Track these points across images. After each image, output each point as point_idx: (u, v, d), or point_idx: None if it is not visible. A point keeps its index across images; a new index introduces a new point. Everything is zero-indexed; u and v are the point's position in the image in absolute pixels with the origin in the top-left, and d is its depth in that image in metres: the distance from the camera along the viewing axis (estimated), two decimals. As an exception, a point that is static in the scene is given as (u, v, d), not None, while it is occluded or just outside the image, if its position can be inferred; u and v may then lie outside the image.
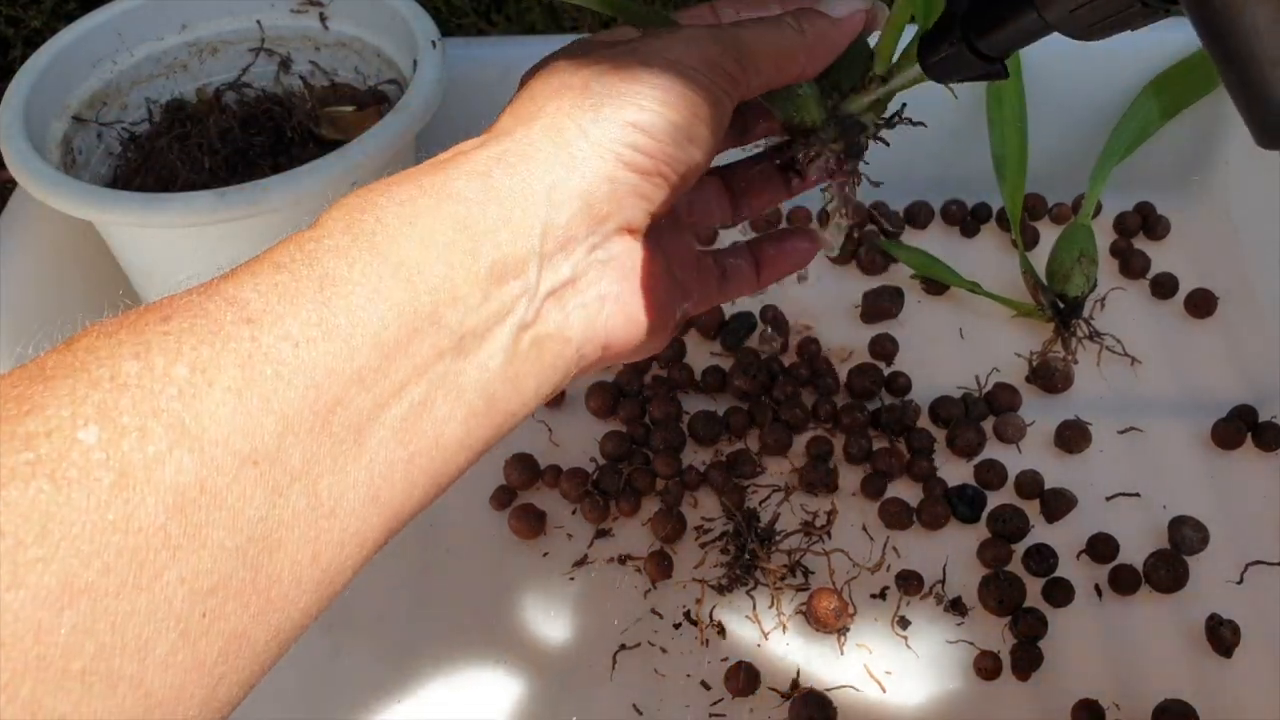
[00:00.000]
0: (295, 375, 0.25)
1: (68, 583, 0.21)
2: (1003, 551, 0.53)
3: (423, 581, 0.55)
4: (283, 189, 0.51)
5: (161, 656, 0.22)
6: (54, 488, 0.21)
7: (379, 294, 0.27)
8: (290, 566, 0.25)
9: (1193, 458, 0.58)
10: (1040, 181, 0.70)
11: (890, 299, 0.65)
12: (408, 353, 0.27)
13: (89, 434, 0.22)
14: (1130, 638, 0.51)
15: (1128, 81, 0.66)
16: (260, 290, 0.26)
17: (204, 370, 0.24)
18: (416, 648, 0.53)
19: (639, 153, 0.31)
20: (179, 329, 0.24)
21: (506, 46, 0.70)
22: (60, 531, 0.21)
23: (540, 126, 0.31)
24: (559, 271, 0.30)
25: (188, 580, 0.23)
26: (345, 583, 0.27)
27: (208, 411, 0.23)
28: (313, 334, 0.25)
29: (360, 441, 0.26)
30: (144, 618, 0.22)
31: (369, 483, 0.26)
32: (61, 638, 0.21)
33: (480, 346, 0.29)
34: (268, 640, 0.25)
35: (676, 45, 0.33)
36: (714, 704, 0.50)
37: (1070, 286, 0.59)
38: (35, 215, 0.60)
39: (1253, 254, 0.65)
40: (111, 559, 0.21)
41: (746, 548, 0.54)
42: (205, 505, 0.23)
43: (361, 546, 0.27)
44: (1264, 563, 0.53)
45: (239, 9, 0.66)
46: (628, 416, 0.60)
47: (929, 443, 0.58)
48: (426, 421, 0.27)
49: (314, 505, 0.25)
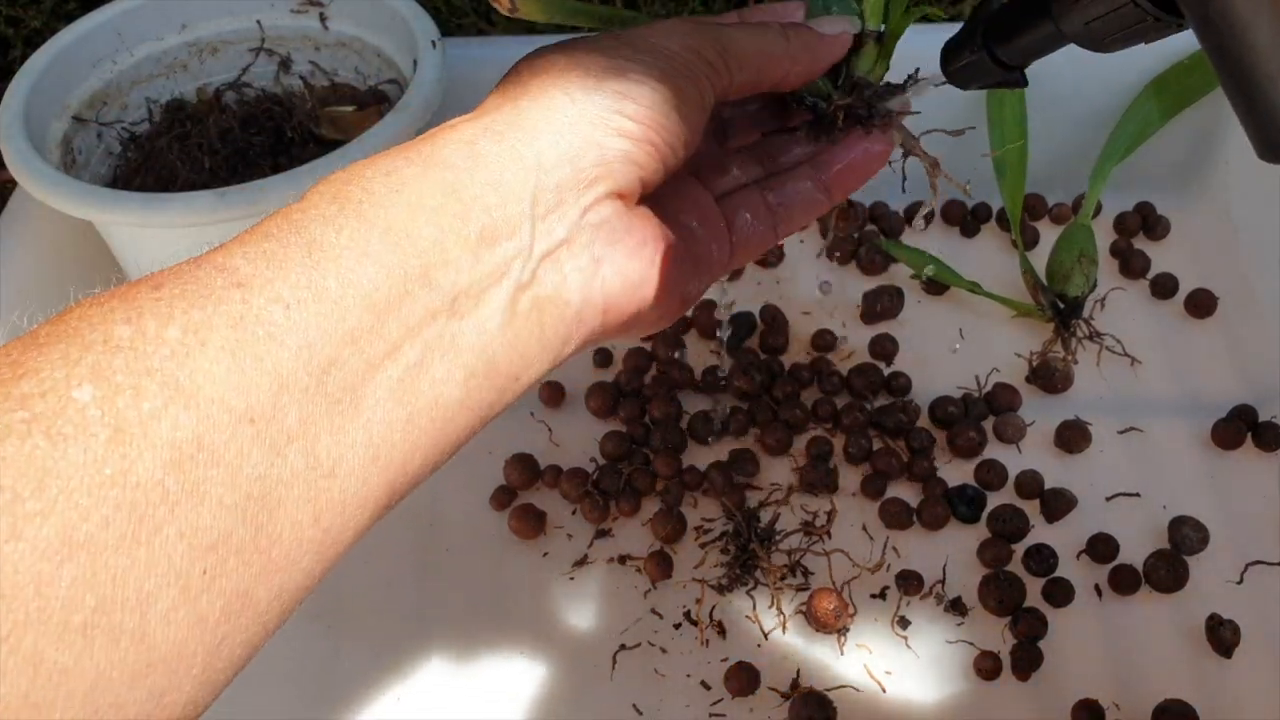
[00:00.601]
0: (287, 336, 0.25)
1: (67, 536, 0.21)
2: (1003, 551, 0.53)
3: (423, 581, 0.55)
4: (283, 189, 0.51)
5: (163, 612, 0.22)
6: (50, 444, 0.21)
7: (367, 256, 0.27)
8: (291, 526, 0.25)
9: (1193, 458, 0.58)
10: (1040, 181, 0.70)
11: (890, 299, 0.65)
12: (399, 313, 0.27)
13: (83, 393, 0.22)
14: (1130, 638, 0.51)
15: (1128, 81, 0.66)
16: (249, 257, 0.26)
17: (196, 331, 0.24)
18: (416, 648, 0.53)
19: (628, 119, 0.31)
20: (170, 295, 0.25)
21: (506, 46, 0.70)
22: (57, 486, 0.21)
23: (529, 98, 0.31)
24: (553, 233, 0.30)
25: (187, 536, 0.23)
26: (347, 545, 0.27)
27: (202, 370, 0.24)
28: (303, 296, 0.26)
29: (357, 402, 0.26)
30: (144, 572, 0.22)
31: (368, 443, 0.26)
32: (62, 590, 0.21)
33: (476, 308, 0.29)
34: (270, 601, 0.25)
35: (660, 31, 0.34)
36: (714, 704, 0.50)
37: (1070, 286, 0.59)
38: (35, 215, 0.60)
39: (1253, 254, 0.65)
40: (110, 512, 0.22)
41: (746, 548, 0.54)
42: (203, 462, 0.23)
43: (363, 508, 0.27)
44: (1264, 563, 0.53)
45: (239, 9, 0.66)
46: (628, 416, 0.60)
47: (929, 443, 0.58)
48: (424, 382, 0.27)
49: (313, 465, 0.25)
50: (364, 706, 0.51)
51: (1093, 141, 0.67)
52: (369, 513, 0.27)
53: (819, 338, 0.64)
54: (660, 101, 0.32)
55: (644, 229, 0.33)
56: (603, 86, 0.31)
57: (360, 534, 0.27)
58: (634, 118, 0.32)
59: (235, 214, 0.51)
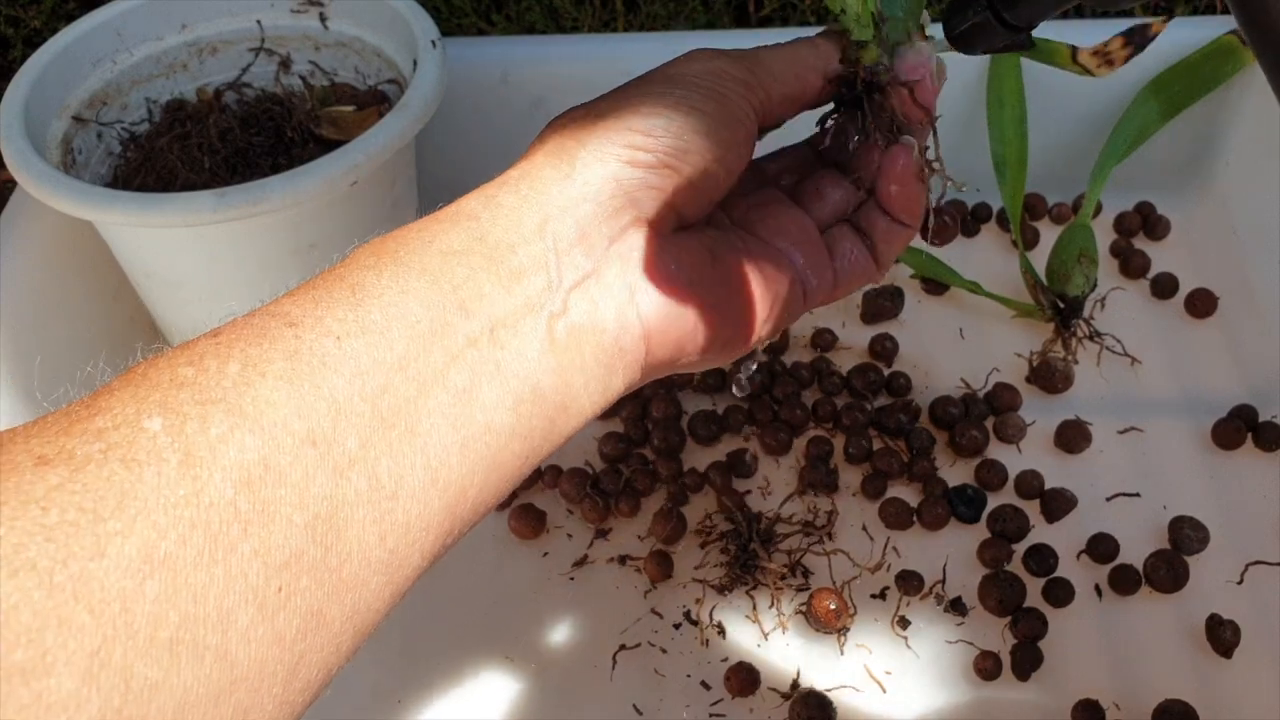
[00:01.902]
0: (341, 364, 0.27)
1: (147, 553, 0.22)
2: (1003, 551, 0.53)
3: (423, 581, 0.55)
4: (283, 189, 0.51)
5: (242, 629, 0.23)
6: (126, 469, 0.23)
7: (407, 293, 0.28)
8: (359, 546, 0.26)
9: (1193, 458, 0.58)
10: (1040, 181, 0.70)
11: (890, 299, 0.65)
12: (443, 341, 0.28)
13: (154, 423, 0.24)
14: (1130, 638, 0.51)
15: (1128, 81, 0.66)
16: (298, 303, 0.28)
17: (255, 365, 0.26)
18: (416, 648, 0.53)
19: (639, 150, 0.32)
20: (228, 339, 0.26)
21: (506, 46, 0.70)
22: (135, 506, 0.22)
23: (542, 153, 0.33)
24: (579, 266, 0.32)
25: (261, 554, 0.24)
26: (415, 569, 0.28)
27: (263, 397, 0.25)
28: (351, 329, 0.27)
29: (412, 426, 0.27)
30: (222, 589, 0.23)
31: (426, 466, 0.27)
32: (147, 606, 0.22)
33: (514, 336, 0.30)
34: (343, 621, 0.26)
35: (682, 60, 0.35)
36: (714, 704, 0.50)
37: (1070, 286, 0.59)
38: (35, 215, 0.60)
39: (1253, 254, 0.65)
40: (186, 531, 0.23)
41: (747, 548, 0.54)
42: (271, 482, 0.24)
43: (427, 530, 0.28)
44: (1264, 563, 0.53)
45: (239, 9, 0.66)
46: (628, 416, 0.60)
47: (929, 443, 0.58)
48: (474, 408, 0.29)
49: (375, 487, 0.26)
50: (364, 706, 0.51)
51: (1093, 141, 0.67)
52: (433, 537, 0.28)
53: (819, 337, 0.64)
54: (678, 126, 0.33)
55: (679, 256, 0.33)
56: (615, 124, 0.33)
57: (428, 559, 0.29)
58: (645, 147, 0.32)
59: (235, 214, 0.51)
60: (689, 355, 0.34)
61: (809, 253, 0.37)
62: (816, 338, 0.64)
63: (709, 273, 0.34)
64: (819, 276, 0.38)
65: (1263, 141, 0.64)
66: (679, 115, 0.33)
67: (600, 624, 0.53)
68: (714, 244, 0.35)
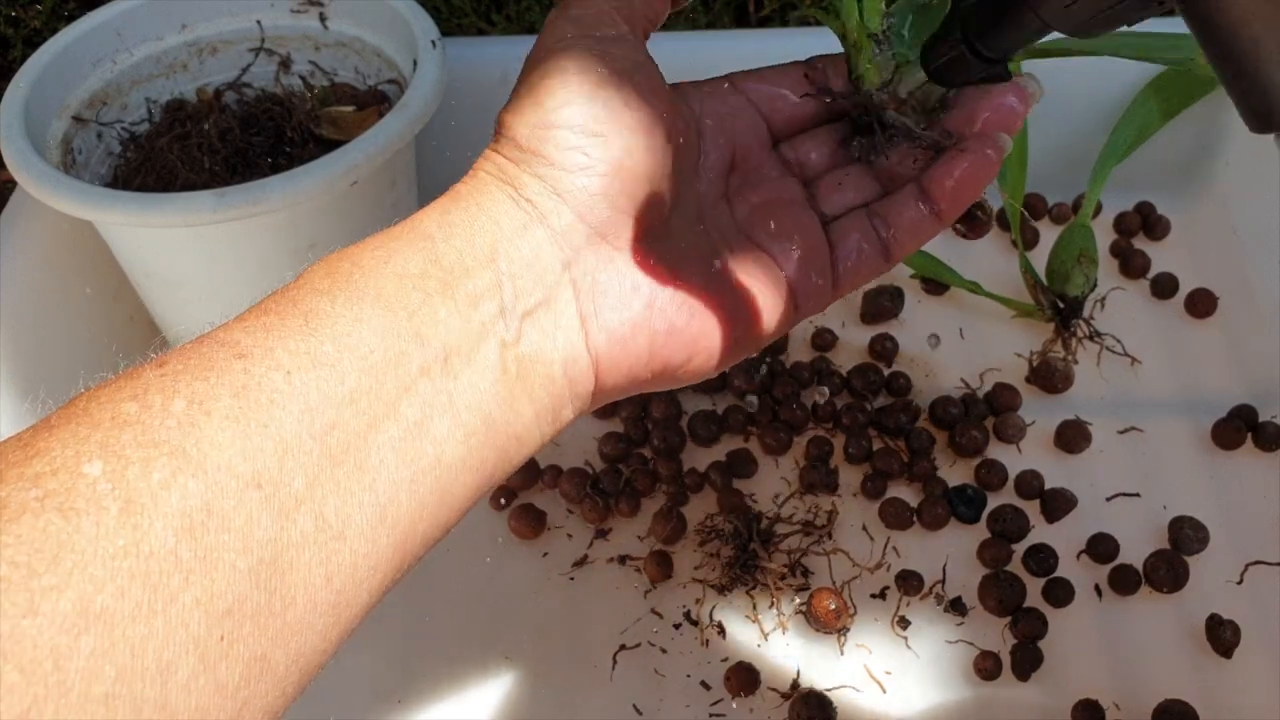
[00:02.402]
0: (289, 401, 0.26)
1: (83, 608, 0.21)
2: (1003, 551, 0.53)
3: (423, 581, 0.55)
4: (282, 189, 0.51)
5: (183, 680, 0.22)
6: (63, 519, 0.22)
7: (361, 321, 0.28)
8: (304, 589, 0.25)
9: (1192, 458, 0.58)
10: (1040, 181, 0.70)
11: (890, 299, 0.65)
12: (396, 373, 0.28)
13: (93, 468, 0.23)
14: (1130, 638, 0.51)
15: (1128, 81, 0.66)
16: (249, 330, 0.27)
17: (201, 402, 0.25)
18: (416, 648, 0.53)
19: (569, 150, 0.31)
20: (174, 370, 0.25)
21: (506, 46, 0.70)
22: (72, 560, 0.22)
23: (488, 168, 0.32)
24: (530, 294, 0.30)
25: (203, 603, 0.23)
26: (363, 608, 0.27)
27: (208, 438, 0.24)
28: (302, 362, 0.26)
29: (361, 463, 0.27)
30: (162, 641, 0.22)
31: (374, 503, 0.27)
32: (81, 662, 0.21)
33: (468, 365, 0.29)
34: (288, 665, 0.25)
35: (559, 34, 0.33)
36: (714, 704, 0.50)
37: (1070, 286, 0.59)
38: (35, 215, 0.60)
39: (1253, 254, 0.65)
40: (124, 583, 0.22)
41: (747, 548, 0.54)
42: (214, 528, 0.23)
43: (374, 570, 0.27)
44: (1264, 563, 0.53)
45: (239, 9, 0.66)
46: (628, 417, 0.60)
47: (929, 443, 0.58)
48: (425, 441, 0.28)
49: (321, 527, 0.25)
50: (364, 706, 0.51)
51: (1093, 141, 0.67)
52: (380, 575, 0.27)
53: (819, 337, 0.64)
54: (587, 119, 0.31)
55: (636, 274, 0.32)
56: (531, 131, 0.31)
57: (375, 597, 0.28)
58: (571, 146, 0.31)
59: (235, 214, 0.51)
60: (644, 384, 0.33)
61: (808, 261, 0.36)
62: (816, 338, 0.64)
63: (675, 295, 0.32)
64: (816, 285, 0.36)
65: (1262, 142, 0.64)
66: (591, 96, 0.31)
67: (600, 624, 0.53)
68: (689, 256, 0.33)
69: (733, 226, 0.36)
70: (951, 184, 0.36)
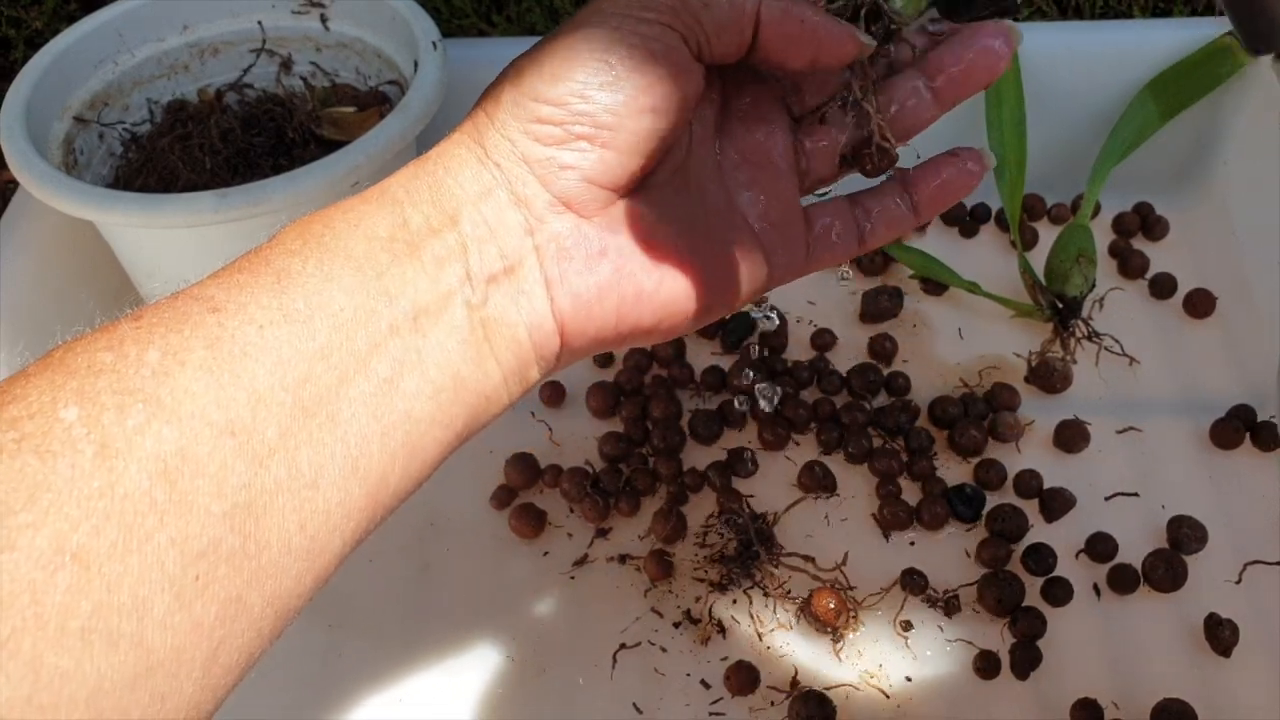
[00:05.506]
0: (262, 354, 0.26)
1: (59, 545, 0.22)
2: (1002, 551, 0.53)
3: (423, 581, 0.55)
4: (283, 189, 0.51)
5: (159, 616, 0.23)
6: (39, 460, 0.23)
7: (331, 280, 0.28)
8: (278, 533, 0.26)
9: (1192, 458, 0.58)
10: (1039, 181, 0.70)
11: (890, 299, 0.65)
12: (366, 330, 0.28)
13: (69, 412, 0.24)
14: (1129, 637, 0.51)
15: (1127, 81, 0.67)
16: (223, 287, 0.28)
17: (175, 353, 0.26)
18: (417, 647, 0.53)
19: (545, 123, 0.31)
20: (149, 323, 0.26)
21: (506, 47, 0.71)
22: (48, 499, 0.22)
23: (466, 126, 0.32)
24: (493, 259, 0.31)
25: (178, 543, 0.24)
26: (336, 555, 0.28)
27: (182, 387, 0.25)
28: (274, 317, 0.27)
29: (333, 415, 0.27)
30: (138, 578, 0.23)
31: (346, 455, 0.27)
32: (58, 597, 0.22)
33: (436, 325, 0.30)
34: (263, 606, 0.26)
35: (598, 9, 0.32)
36: (714, 703, 0.50)
37: (1069, 286, 0.59)
38: (37, 216, 0.60)
39: (1252, 254, 0.65)
40: (100, 522, 0.23)
41: (747, 547, 0.54)
42: (188, 473, 0.24)
43: (347, 517, 0.28)
44: (1263, 562, 0.53)
45: (240, 10, 0.66)
46: (628, 416, 0.60)
47: (929, 443, 0.58)
48: (396, 397, 0.29)
49: (295, 475, 0.26)
50: (365, 707, 0.51)
51: (1092, 141, 0.67)
52: (353, 524, 0.28)
53: (819, 337, 0.64)
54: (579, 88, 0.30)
55: (604, 238, 0.32)
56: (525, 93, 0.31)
57: (348, 546, 0.28)
58: (551, 120, 0.31)
59: (236, 214, 0.51)
60: (613, 344, 0.34)
61: (780, 227, 0.36)
62: (816, 338, 0.64)
63: (644, 261, 0.32)
64: (788, 253, 0.36)
65: (1261, 142, 0.64)
66: (593, 74, 0.30)
67: (600, 623, 0.53)
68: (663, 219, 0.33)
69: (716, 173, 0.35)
70: (932, 187, 0.38)
